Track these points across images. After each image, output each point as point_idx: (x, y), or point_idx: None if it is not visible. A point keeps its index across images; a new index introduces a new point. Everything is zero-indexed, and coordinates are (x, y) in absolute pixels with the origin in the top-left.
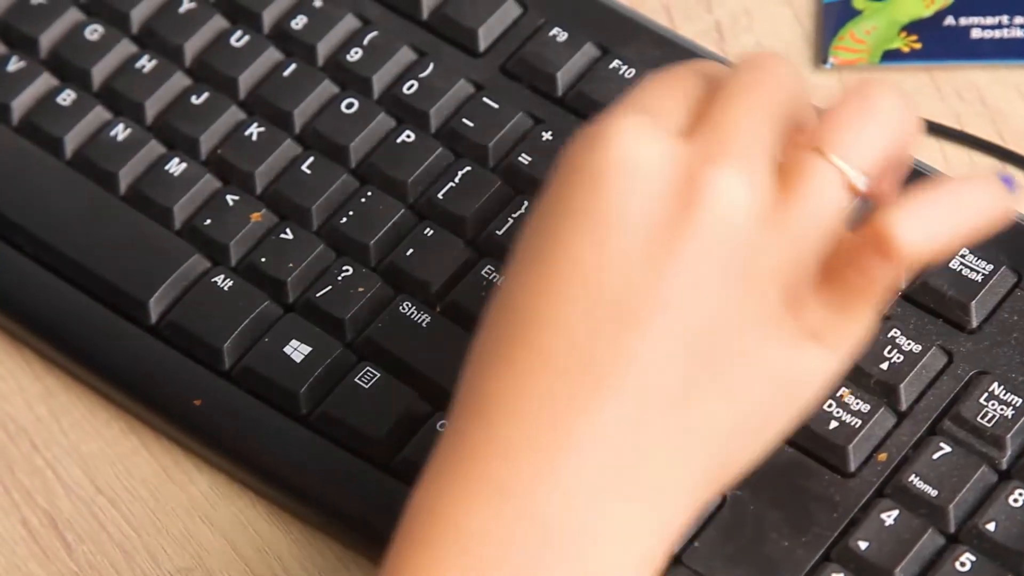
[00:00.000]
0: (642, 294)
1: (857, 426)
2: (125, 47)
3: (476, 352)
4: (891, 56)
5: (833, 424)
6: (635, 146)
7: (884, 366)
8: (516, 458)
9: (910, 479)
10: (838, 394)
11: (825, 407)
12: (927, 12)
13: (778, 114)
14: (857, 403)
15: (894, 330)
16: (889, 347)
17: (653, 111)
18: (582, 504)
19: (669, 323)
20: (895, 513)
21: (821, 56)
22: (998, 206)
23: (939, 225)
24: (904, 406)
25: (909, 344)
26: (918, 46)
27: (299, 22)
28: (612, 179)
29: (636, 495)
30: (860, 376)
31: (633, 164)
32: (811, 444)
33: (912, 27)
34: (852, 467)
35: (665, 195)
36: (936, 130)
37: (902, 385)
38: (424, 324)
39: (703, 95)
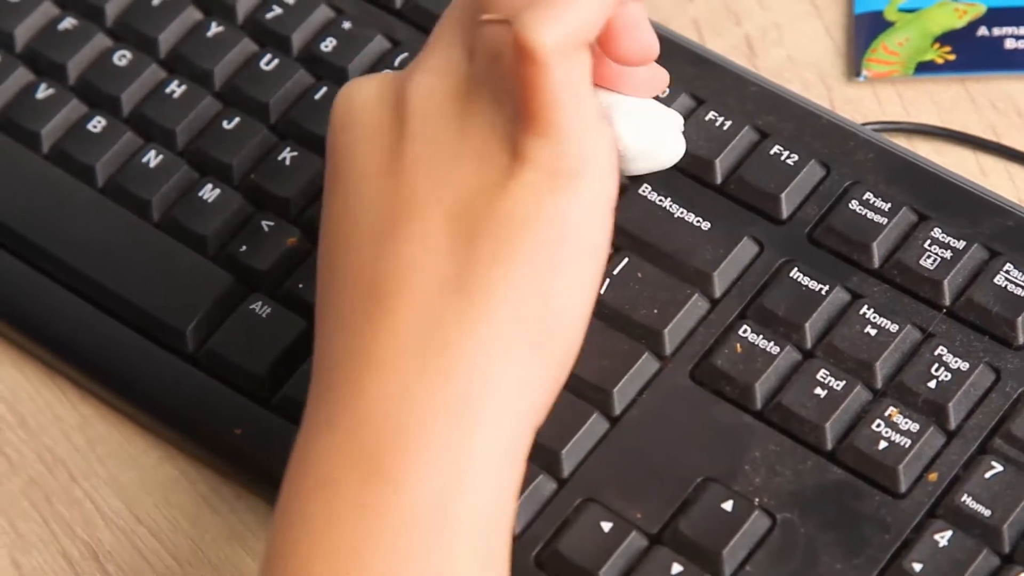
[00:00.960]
0: (391, 208)
1: (907, 446)
2: (153, 73)
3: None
4: (925, 68)
5: (882, 444)
6: (350, 96)
7: (932, 385)
8: (326, 391)
9: (962, 499)
10: (886, 414)
11: (874, 427)
12: (960, 23)
13: (462, 11)
14: (906, 423)
15: (940, 348)
16: (936, 365)
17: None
18: (400, 414)
19: (421, 220)
20: (948, 534)
21: (854, 69)
22: None
23: (567, 15)
24: (953, 425)
25: (956, 362)
26: (952, 57)
27: (328, 44)
28: (342, 134)
29: (458, 384)
30: (908, 395)
31: (353, 112)
32: (861, 465)
33: (945, 38)
34: (903, 488)
35: (382, 123)
36: (972, 142)
37: (951, 404)
38: None
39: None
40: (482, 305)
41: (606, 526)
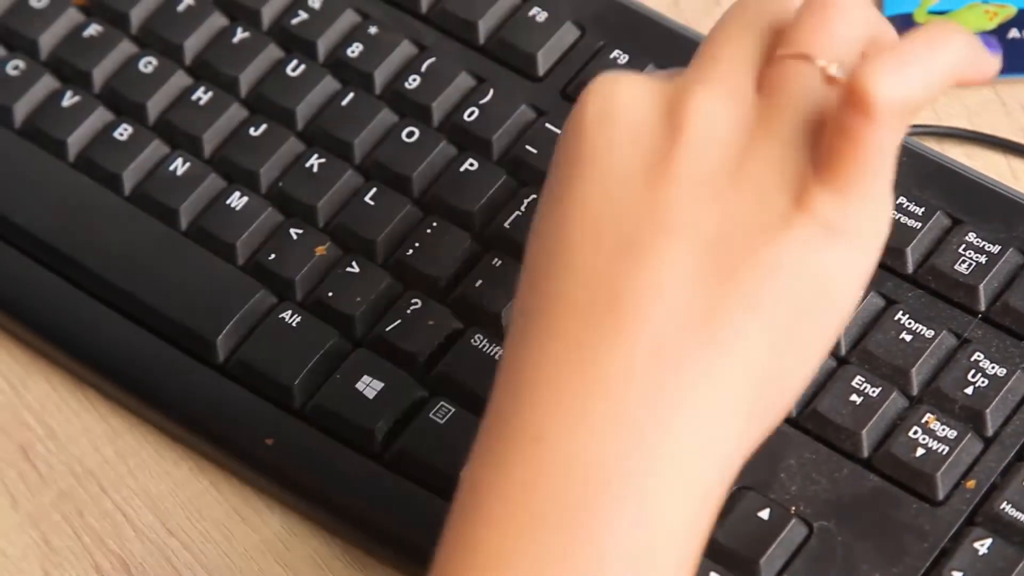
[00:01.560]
0: (645, 222)
1: (944, 453)
2: (179, 79)
3: (511, 318)
4: None
5: (920, 451)
6: (616, 93)
7: (969, 391)
8: (548, 408)
9: (1001, 506)
10: (923, 420)
11: (910, 434)
12: (991, 25)
13: (760, 31)
14: (943, 429)
15: (977, 354)
16: (973, 371)
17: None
18: (623, 444)
19: (676, 243)
20: (988, 542)
21: None
22: (974, 57)
23: (914, 75)
24: (991, 431)
25: (993, 368)
26: None
27: (355, 50)
28: (598, 127)
29: (679, 425)
30: (945, 402)
31: (616, 109)
32: (898, 473)
33: None
34: (941, 495)
35: (650, 130)
36: (1002, 145)
37: (988, 410)
38: (497, 356)
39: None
40: (723, 349)
41: None
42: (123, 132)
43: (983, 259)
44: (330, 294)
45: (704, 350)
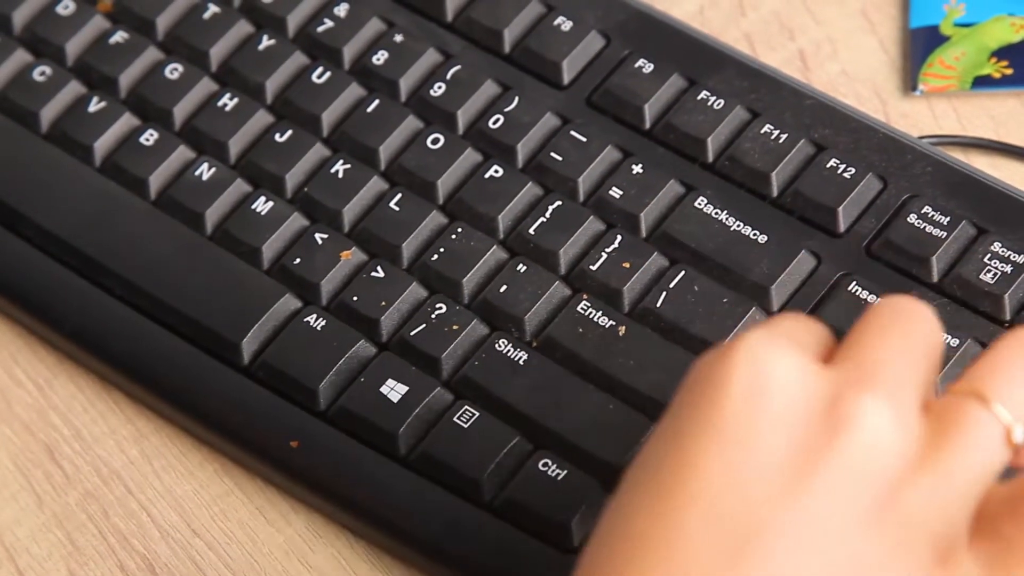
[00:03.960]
0: (769, 523)
1: None
2: (205, 86)
3: (586, 568)
4: (982, 82)
5: None
6: (771, 361)
7: None
8: None
9: None
10: None
11: None
12: (1017, 37)
13: (928, 354)
14: None
15: None
16: None
17: (789, 335)
18: None
19: (794, 556)
20: None
21: (911, 83)
22: None
23: None
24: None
25: None
26: (1009, 71)
27: (380, 57)
28: (747, 400)
29: None
30: None
31: (767, 379)
32: None
33: (1002, 52)
34: None
35: (803, 417)
36: None
37: None
38: (521, 361)
39: (832, 339)
40: None
41: None
42: (149, 137)
43: (1008, 268)
44: (355, 298)
45: None
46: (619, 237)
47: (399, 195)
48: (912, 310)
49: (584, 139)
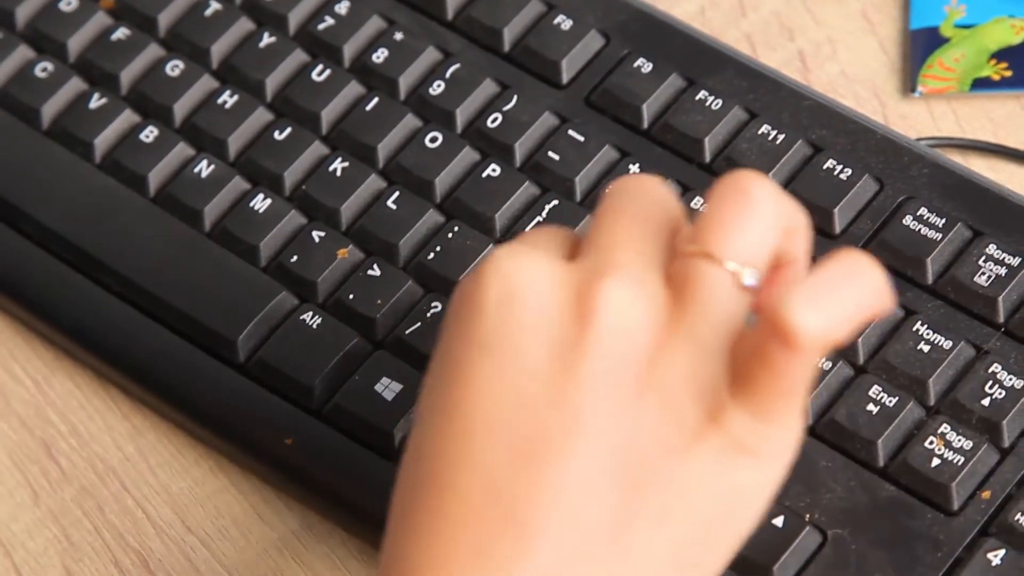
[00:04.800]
0: (551, 423)
1: (960, 463)
2: (206, 83)
3: (395, 506)
4: (981, 84)
5: (935, 462)
6: (517, 268)
7: (986, 402)
8: None
9: (1016, 518)
10: (940, 430)
11: (927, 444)
12: (1017, 39)
13: (657, 224)
14: (959, 440)
15: (995, 365)
16: (990, 382)
17: (534, 243)
18: None
19: (582, 451)
20: (1001, 553)
21: (910, 84)
22: (886, 291)
23: (837, 307)
24: (1007, 442)
25: (1011, 379)
26: (1008, 73)
27: (380, 55)
28: (501, 310)
29: None
30: (962, 412)
31: (516, 286)
32: (913, 482)
33: (1002, 54)
34: (955, 505)
35: (556, 315)
36: None
37: (1005, 421)
38: None
39: (578, 237)
40: (628, 564)
41: None
42: (149, 134)
43: (1003, 271)
44: (351, 296)
45: (608, 565)
46: None
47: (396, 193)
48: (637, 186)
49: (582, 139)
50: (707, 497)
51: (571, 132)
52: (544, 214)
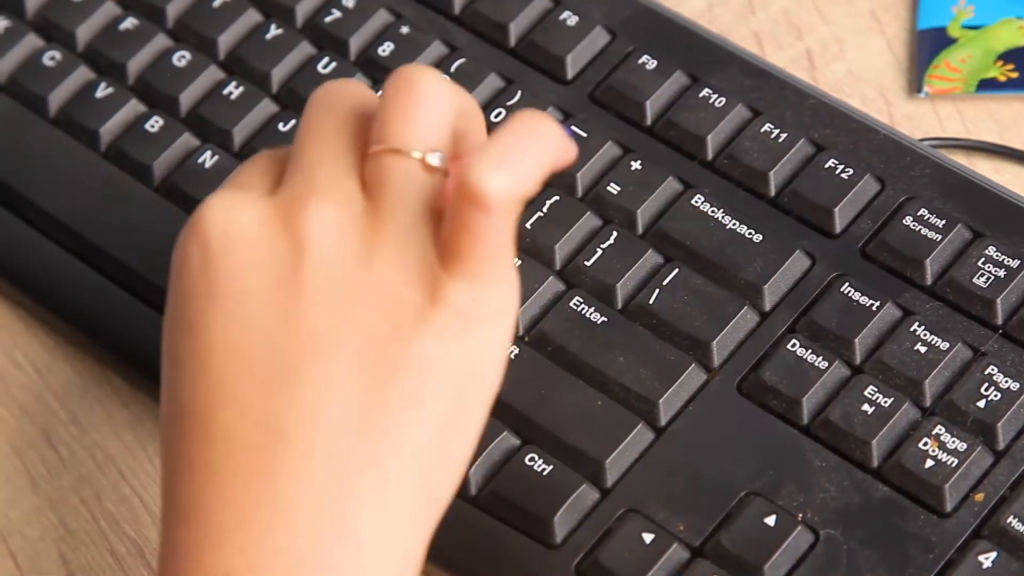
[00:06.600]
0: (291, 347)
1: (953, 465)
2: (212, 74)
3: (167, 464)
4: (987, 85)
5: (929, 463)
6: (228, 222)
7: (981, 404)
8: (225, 542)
9: (1008, 520)
10: (934, 432)
11: (921, 445)
12: (1023, 41)
13: (352, 133)
14: (954, 442)
15: (991, 367)
16: (986, 384)
17: (242, 185)
18: (305, 568)
19: (326, 363)
20: (993, 555)
21: (916, 85)
22: (564, 143)
23: (519, 164)
24: (1002, 445)
25: (1007, 382)
26: (1015, 75)
27: (386, 49)
28: (218, 260)
29: (358, 536)
30: (957, 414)
31: (231, 238)
32: (906, 483)
33: (1008, 56)
34: (948, 507)
35: (270, 253)
36: None
37: (1000, 424)
38: (512, 356)
39: (282, 158)
40: (392, 452)
41: (648, 537)
42: (154, 124)
43: (1002, 273)
44: None
45: (376, 459)
46: (615, 233)
47: None
48: (336, 94)
49: (584, 134)
50: (448, 369)
51: (574, 128)
52: (545, 210)
